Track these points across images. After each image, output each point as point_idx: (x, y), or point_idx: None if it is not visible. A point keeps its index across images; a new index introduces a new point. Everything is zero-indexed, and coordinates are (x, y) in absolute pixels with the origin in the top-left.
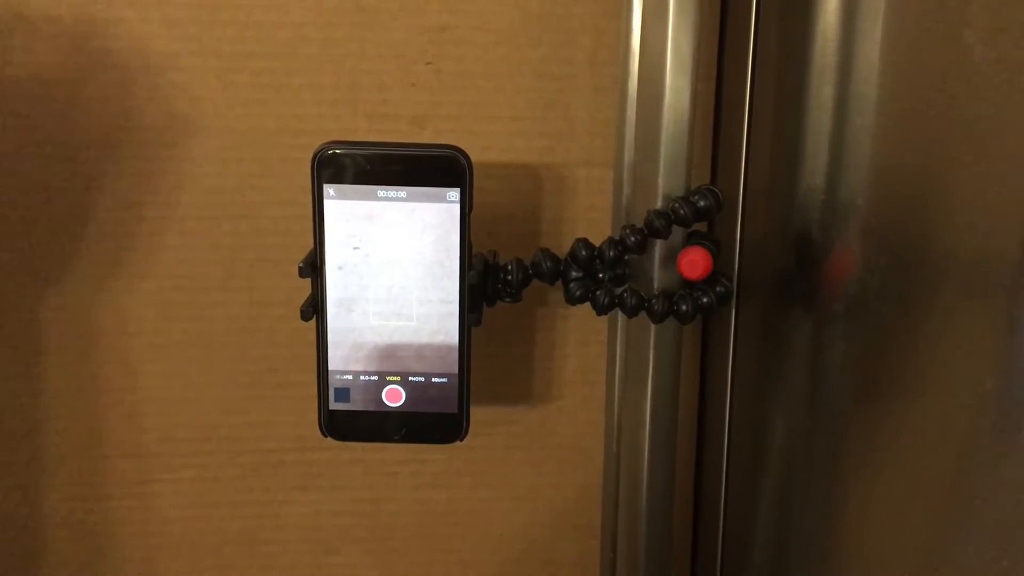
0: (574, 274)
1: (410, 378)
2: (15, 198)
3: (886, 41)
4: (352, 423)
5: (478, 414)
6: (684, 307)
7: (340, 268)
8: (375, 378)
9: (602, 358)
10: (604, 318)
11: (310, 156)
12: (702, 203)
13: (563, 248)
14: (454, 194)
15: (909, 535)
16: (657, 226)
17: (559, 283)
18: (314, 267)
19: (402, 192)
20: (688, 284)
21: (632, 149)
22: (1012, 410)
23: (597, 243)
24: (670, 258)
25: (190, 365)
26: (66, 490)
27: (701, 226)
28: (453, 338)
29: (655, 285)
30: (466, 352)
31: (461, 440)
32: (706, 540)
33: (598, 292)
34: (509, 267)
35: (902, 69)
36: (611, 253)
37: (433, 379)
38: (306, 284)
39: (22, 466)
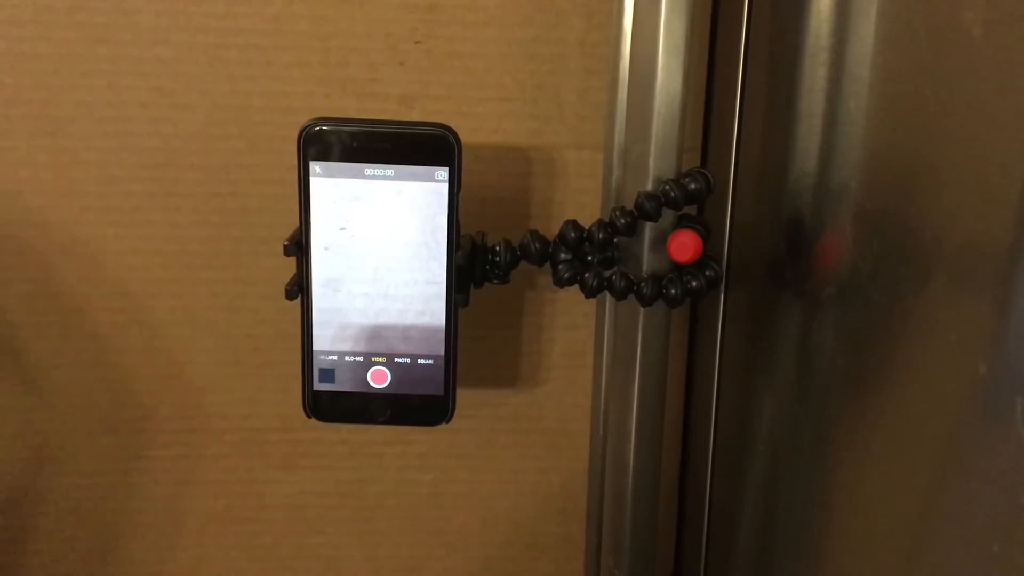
0: (563, 256)
1: (396, 359)
2: (1, 171)
3: (881, 22)
4: (337, 404)
5: (464, 397)
6: (673, 290)
7: (326, 248)
8: (360, 359)
9: (589, 341)
10: (592, 301)
11: (297, 134)
12: (693, 186)
13: (552, 231)
14: (443, 173)
15: (898, 520)
16: (647, 208)
17: (547, 265)
18: (299, 246)
19: (390, 170)
20: (677, 267)
21: (623, 131)
22: (1004, 395)
23: (586, 225)
24: (660, 241)
25: (174, 342)
26: (49, 466)
27: (691, 209)
28: (440, 319)
29: (644, 268)
30: (453, 334)
31: (447, 422)
32: (691, 525)
33: (587, 275)
34: (497, 248)
35: (897, 50)
36: (600, 235)
37: (419, 360)
38: (292, 262)
39: (6, 441)
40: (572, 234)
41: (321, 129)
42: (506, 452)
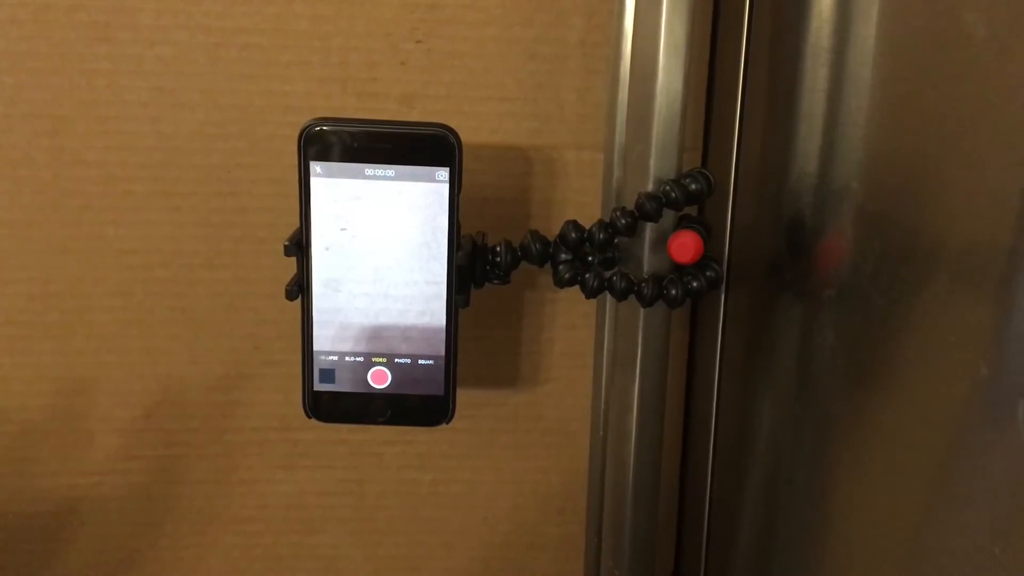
0: (563, 257)
1: (396, 359)
2: (1, 171)
3: (882, 22)
4: (337, 404)
5: (464, 396)
6: (673, 291)
7: (327, 248)
8: (361, 359)
9: (590, 342)
10: (592, 302)
11: (297, 134)
12: (694, 186)
13: (552, 231)
14: (443, 173)
15: (898, 522)
16: (648, 209)
17: (548, 266)
18: (300, 246)
19: (390, 171)
20: (678, 268)
21: (623, 131)
22: (1005, 397)
23: (587, 226)
24: (660, 241)
25: (175, 342)
26: (50, 465)
27: (691, 210)
28: (440, 320)
29: (645, 269)
30: (453, 334)
31: (447, 423)
32: (692, 525)
33: (587, 275)
34: (498, 249)
35: (899, 50)
36: (601, 236)
37: (419, 361)
38: (292, 262)
39: (6, 440)
40: (573, 234)
41: (321, 129)
42: (506, 452)
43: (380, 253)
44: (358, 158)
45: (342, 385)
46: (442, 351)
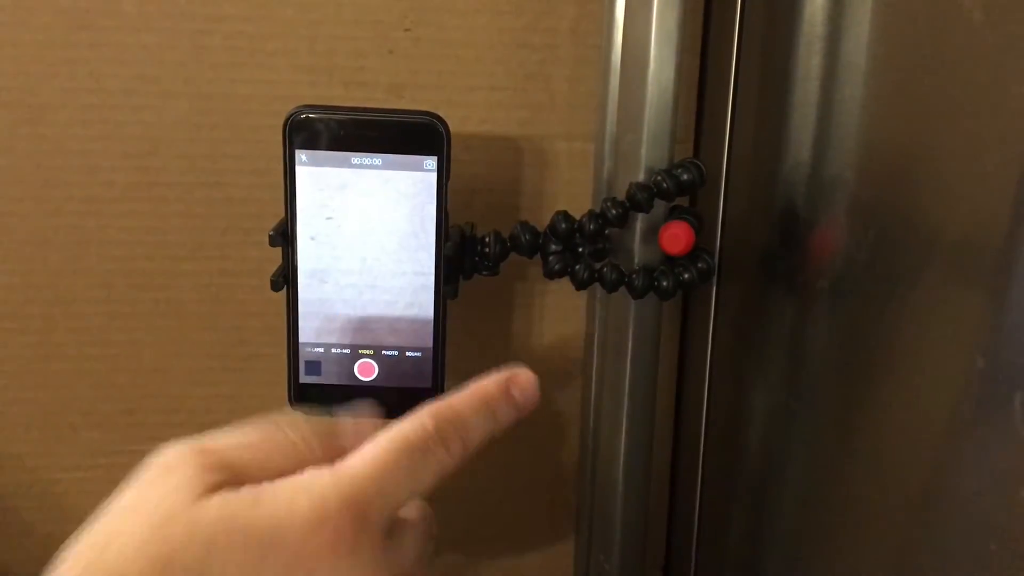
0: (553, 248)
1: (383, 352)
2: None
3: (878, 8)
4: (323, 398)
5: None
6: (665, 283)
7: (312, 239)
8: (347, 351)
9: (580, 334)
10: (583, 293)
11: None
12: (685, 176)
13: (542, 222)
14: (431, 162)
15: (892, 515)
16: (639, 199)
17: (538, 257)
18: (285, 236)
19: (377, 160)
20: (669, 259)
21: (614, 121)
22: (1002, 389)
23: (577, 216)
24: (651, 233)
25: (159, 335)
26: (31, 460)
27: (683, 201)
28: (428, 311)
29: (636, 260)
30: (441, 326)
31: None
32: (682, 518)
33: (577, 267)
34: (487, 239)
35: (894, 37)
36: (591, 226)
37: (407, 353)
38: (278, 253)
39: None
40: (563, 225)
41: (307, 117)
42: (496, 445)
43: (367, 243)
44: (344, 146)
45: (328, 378)
46: (430, 343)
